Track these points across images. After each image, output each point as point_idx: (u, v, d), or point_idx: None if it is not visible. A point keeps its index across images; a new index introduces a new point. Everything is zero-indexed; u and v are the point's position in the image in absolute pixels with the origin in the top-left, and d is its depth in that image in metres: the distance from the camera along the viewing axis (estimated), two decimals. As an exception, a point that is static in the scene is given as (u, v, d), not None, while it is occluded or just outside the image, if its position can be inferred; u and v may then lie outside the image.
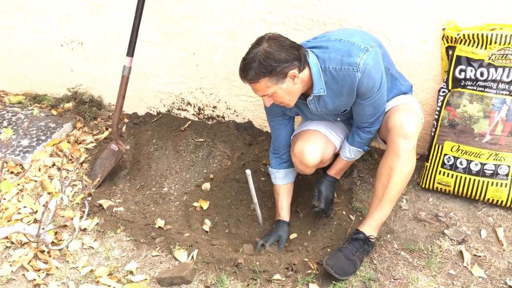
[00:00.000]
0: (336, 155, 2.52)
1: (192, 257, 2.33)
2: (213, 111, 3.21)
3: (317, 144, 2.37)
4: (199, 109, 3.24)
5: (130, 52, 2.71)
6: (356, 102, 2.18)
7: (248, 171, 2.34)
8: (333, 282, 2.16)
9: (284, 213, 2.52)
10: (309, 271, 2.23)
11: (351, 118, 2.33)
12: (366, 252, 2.23)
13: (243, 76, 2.02)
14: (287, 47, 1.99)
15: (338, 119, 2.40)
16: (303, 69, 2.04)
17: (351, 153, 2.40)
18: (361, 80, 2.04)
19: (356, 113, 2.26)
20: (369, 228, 2.23)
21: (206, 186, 2.83)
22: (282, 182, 2.52)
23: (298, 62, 2.00)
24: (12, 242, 2.47)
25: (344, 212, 2.52)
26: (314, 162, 2.36)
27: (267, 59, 1.95)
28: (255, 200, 2.46)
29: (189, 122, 3.25)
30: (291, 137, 2.50)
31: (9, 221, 2.59)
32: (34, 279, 2.28)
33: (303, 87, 2.11)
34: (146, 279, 2.26)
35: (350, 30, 2.15)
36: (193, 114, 3.29)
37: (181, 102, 3.27)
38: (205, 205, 2.71)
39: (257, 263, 2.24)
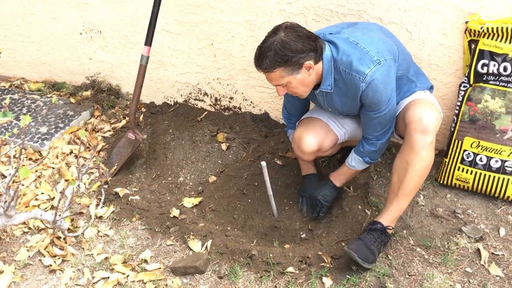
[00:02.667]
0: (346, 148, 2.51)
1: (206, 247, 2.34)
2: (229, 102, 3.20)
3: (316, 132, 2.38)
4: (216, 99, 3.23)
5: (148, 41, 2.71)
6: (363, 111, 2.16)
7: (263, 163, 2.33)
8: (347, 276, 2.15)
9: (309, 168, 2.63)
10: (323, 265, 2.21)
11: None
12: (383, 244, 2.21)
13: (258, 65, 2.00)
14: (304, 37, 1.96)
15: (347, 117, 2.39)
16: (319, 61, 2.02)
17: (352, 160, 2.36)
18: (366, 92, 2.02)
19: (363, 123, 2.24)
20: (386, 220, 2.21)
21: (220, 177, 2.84)
22: None
23: (314, 53, 1.97)
24: (29, 228, 2.50)
25: (359, 207, 2.49)
26: (310, 149, 2.37)
27: (283, 48, 1.92)
28: (270, 192, 2.45)
29: (206, 112, 3.25)
30: (297, 121, 2.52)
31: (26, 206, 2.63)
32: (50, 265, 2.30)
33: (318, 78, 2.09)
34: (160, 268, 2.27)
35: (371, 34, 2.08)
36: (210, 105, 3.28)
37: (198, 93, 3.26)
38: (219, 196, 2.71)
39: (271, 255, 2.24)
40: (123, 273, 2.25)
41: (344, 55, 2.01)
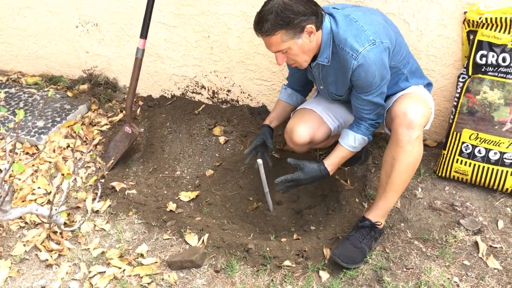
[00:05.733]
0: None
1: (203, 241, 2.33)
2: (227, 94, 3.18)
3: (309, 123, 2.35)
4: (213, 92, 3.21)
5: (144, 34, 2.68)
6: (354, 93, 2.11)
7: (259, 161, 2.31)
8: (344, 270, 2.13)
9: (271, 121, 2.51)
10: (320, 258, 2.20)
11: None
12: (374, 239, 2.20)
13: (258, 29, 1.95)
14: (305, 0, 1.92)
15: (341, 107, 2.36)
16: (319, 28, 1.98)
17: (355, 140, 2.21)
18: (358, 71, 1.98)
19: (354, 107, 2.17)
20: (375, 215, 2.20)
21: (217, 171, 2.82)
22: (284, 98, 2.52)
23: (315, 18, 1.94)
24: (26, 223, 2.50)
25: (357, 200, 2.48)
26: (302, 141, 2.34)
27: (285, 10, 1.88)
28: (266, 189, 2.44)
29: (203, 105, 3.23)
30: (292, 113, 2.49)
31: (23, 201, 2.62)
32: (47, 259, 2.30)
33: (317, 48, 2.04)
34: (156, 262, 2.26)
35: (372, 17, 2.05)
36: (207, 98, 3.26)
37: (195, 86, 3.24)
38: (216, 189, 2.70)
39: (268, 248, 2.22)
40: (120, 268, 2.24)
41: (341, 30, 1.98)
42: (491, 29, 2.24)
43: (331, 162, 2.24)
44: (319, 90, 2.37)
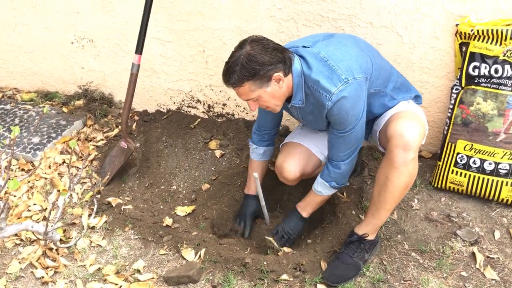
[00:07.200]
0: None
1: (200, 256, 2.32)
2: (222, 108, 3.19)
3: (297, 158, 2.34)
4: (209, 106, 3.22)
5: (139, 49, 2.70)
6: (329, 128, 2.10)
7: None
8: (341, 283, 2.13)
9: (251, 187, 2.57)
10: (318, 271, 2.20)
11: None
12: (364, 251, 2.19)
13: (226, 81, 1.94)
14: (270, 49, 1.90)
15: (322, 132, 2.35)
16: (288, 73, 1.96)
17: (318, 185, 2.27)
18: (332, 110, 1.95)
19: (328, 142, 2.16)
20: (363, 230, 2.20)
21: (213, 185, 2.82)
22: (259, 158, 2.51)
23: (282, 65, 1.92)
24: (21, 240, 2.48)
25: (353, 212, 2.48)
26: (293, 177, 2.35)
27: (250, 62, 1.86)
28: (263, 203, 2.44)
29: (199, 119, 3.23)
30: (281, 145, 2.48)
31: (19, 218, 2.61)
32: (42, 277, 2.28)
33: (289, 91, 2.03)
34: (153, 278, 2.25)
35: (344, 50, 1.99)
36: (203, 112, 3.27)
37: (190, 100, 3.25)
38: (212, 203, 2.70)
39: (265, 263, 2.22)
40: (116, 284, 2.23)
41: (313, 72, 1.95)
42: (483, 41, 2.27)
43: (303, 208, 2.40)
44: (304, 124, 2.36)
